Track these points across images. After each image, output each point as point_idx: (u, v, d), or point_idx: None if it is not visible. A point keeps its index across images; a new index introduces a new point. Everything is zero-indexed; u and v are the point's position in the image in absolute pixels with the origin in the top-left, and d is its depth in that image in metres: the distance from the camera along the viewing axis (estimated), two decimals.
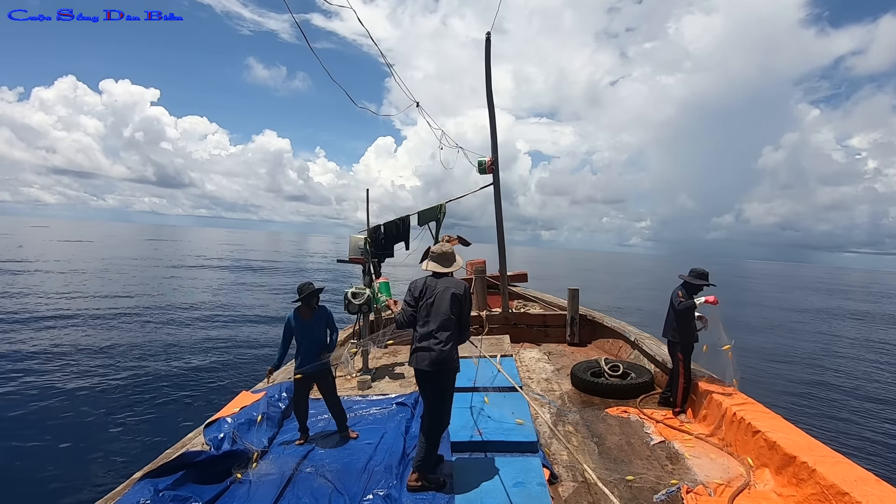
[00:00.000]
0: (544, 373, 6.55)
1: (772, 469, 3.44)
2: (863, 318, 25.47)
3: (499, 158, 8.94)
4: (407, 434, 4.35)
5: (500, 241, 9.27)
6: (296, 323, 4.28)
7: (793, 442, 3.41)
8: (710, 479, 3.51)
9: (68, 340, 13.47)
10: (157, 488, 3.15)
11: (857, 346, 16.23)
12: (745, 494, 3.28)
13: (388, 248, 7.82)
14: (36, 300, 18.59)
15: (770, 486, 3.36)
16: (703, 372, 5.02)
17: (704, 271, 4.93)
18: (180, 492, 3.24)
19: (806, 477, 3.08)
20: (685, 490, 3.33)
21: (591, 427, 4.60)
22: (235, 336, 15.30)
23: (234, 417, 4.35)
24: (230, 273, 35.51)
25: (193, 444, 3.99)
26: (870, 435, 7.58)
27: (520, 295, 12.25)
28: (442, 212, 8.42)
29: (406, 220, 8.06)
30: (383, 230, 7.79)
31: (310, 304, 4.31)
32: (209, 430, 4.18)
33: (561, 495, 3.37)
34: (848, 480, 2.84)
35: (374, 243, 7.22)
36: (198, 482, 3.44)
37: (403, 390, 5.74)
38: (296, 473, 3.69)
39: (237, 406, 4.66)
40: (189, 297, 22.28)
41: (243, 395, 5.00)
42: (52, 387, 10.15)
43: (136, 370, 11.70)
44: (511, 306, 9.83)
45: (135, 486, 3.16)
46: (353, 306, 6.22)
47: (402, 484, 3.41)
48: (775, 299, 36.59)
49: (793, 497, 3.14)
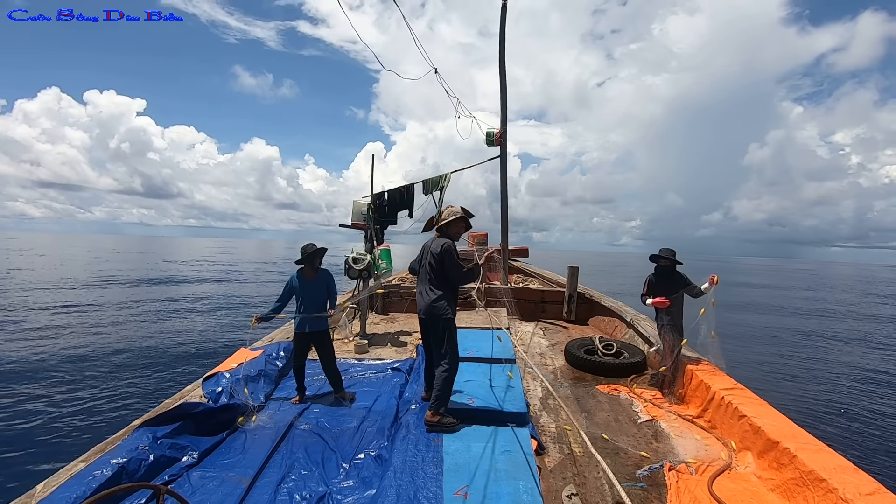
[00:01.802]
0: (539, 347, 6.63)
1: (754, 453, 3.53)
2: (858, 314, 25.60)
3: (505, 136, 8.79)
4: (400, 399, 4.44)
5: (504, 214, 9.22)
6: (298, 283, 4.31)
7: (777, 428, 3.48)
8: (693, 459, 3.60)
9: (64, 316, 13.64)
10: (156, 436, 3.25)
11: (851, 342, 16.39)
12: (726, 475, 3.37)
13: (392, 216, 7.78)
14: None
15: (751, 468, 3.44)
16: (694, 356, 5.08)
17: (669, 249, 5.05)
18: (178, 440, 3.34)
19: (787, 462, 3.15)
20: (668, 467, 3.42)
21: (581, 402, 4.70)
22: (234, 293, 15.48)
23: (231, 373, 4.43)
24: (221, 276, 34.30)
25: (192, 396, 4.09)
26: (856, 426, 7.74)
27: (520, 269, 12.28)
28: (447, 180, 8.35)
29: (411, 188, 8.00)
30: (387, 197, 7.73)
31: (312, 263, 4.33)
32: (207, 384, 4.27)
33: (547, 465, 3.47)
34: (827, 468, 2.90)
35: (377, 209, 7.18)
36: (195, 433, 3.54)
37: (399, 356, 5.83)
38: (291, 429, 3.79)
39: (235, 362, 4.74)
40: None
41: (242, 352, 5.09)
42: (56, 342, 10.37)
43: (136, 328, 11.90)
44: (510, 280, 9.87)
45: (134, 433, 3.26)
46: (353, 271, 6.25)
47: (392, 445, 3.51)
48: (771, 295, 36.63)
49: (772, 480, 3.22)
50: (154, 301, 16.67)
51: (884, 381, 10.96)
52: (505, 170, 9.00)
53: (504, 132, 8.89)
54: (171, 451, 3.21)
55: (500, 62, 9.01)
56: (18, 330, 11.87)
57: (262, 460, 3.28)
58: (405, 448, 3.41)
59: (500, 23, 8.93)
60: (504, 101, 9.03)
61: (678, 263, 5.05)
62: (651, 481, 3.29)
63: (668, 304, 4.88)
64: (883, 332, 18.49)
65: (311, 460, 3.35)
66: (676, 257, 5.02)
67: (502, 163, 9.00)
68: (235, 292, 19.77)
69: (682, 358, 5.01)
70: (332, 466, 3.30)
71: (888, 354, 14.10)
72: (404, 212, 7.93)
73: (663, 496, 3.11)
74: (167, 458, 3.14)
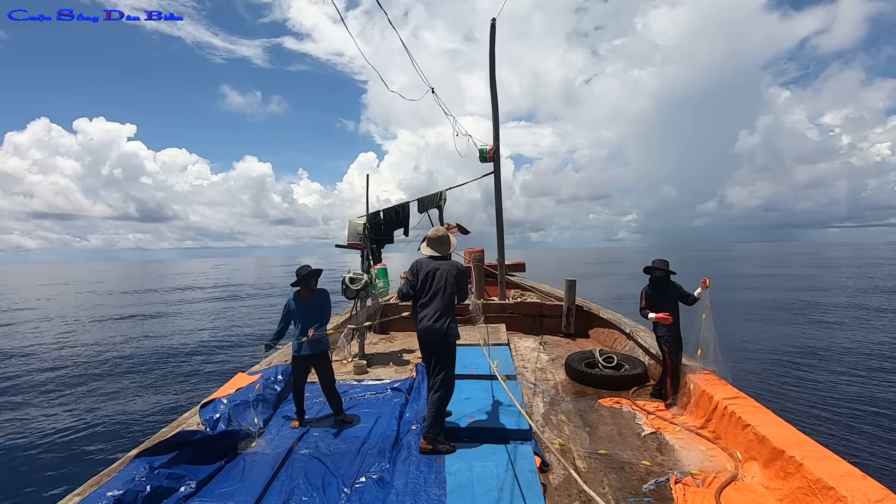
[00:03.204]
0: (539, 362, 6.59)
1: (760, 462, 3.49)
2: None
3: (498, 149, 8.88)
4: (401, 419, 4.39)
5: (500, 229, 9.26)
6: (295, 304, 4.31)
7: (781, 436, 3.45)
8: (698, 471, 3.56)
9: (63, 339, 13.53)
10: (153, 466, 3.19)
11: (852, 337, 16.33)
12: (733, 486, 3.33)
13: (388, 235, 7.81)
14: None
15: (758, 479, 3.40)
16: (696, 365, 5.06)
17: (662, 260, 5.08)
18: (175, 470, 3.27)
19: (793, 471, 3.12)
20: (674, 480, 3.37)
21: (584, 417, 4.65)
22: (232, 316, 15.36)
23: (229, 398, 4.38)
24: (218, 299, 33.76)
25: (189, 423, 4.02)
26: (859, 431, 7.67)
27: (517, 284, 12.28)
28: (442, 199, 8.40)
29: (406, 207, 8.04)
30: (382, 216, 7.77)
31: (308, 285, 4.33)
32: (205, 411, 4.21)
33: (552, 482, 3.41)
34: (834, 475, 2.87)
35: (372, 229, 7.21)
36: (193, 462, 3.47)
37: (399, 376, 5.78)
38: (290, 454, 3.73)
39: (233, 387, 4.69)
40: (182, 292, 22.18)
41: (239, 377, 5.03)
42: (49, 369, 10.23)
43: (132, 353, 11.77)
44: (508, 295, 9.86)
45: (130, 464, 3.19)
46: (350, 291, 6.23)
47: (394, 468, 3.45)
48: (771, 279, 36.55)
49: (780, 490, 3.18)
50: (148, 326, 16.52)
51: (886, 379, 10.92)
52: (499, 186, 9.07)
53: (497, 148, 8.98)
54: (169, 482, 3.15)
55: (490, 82, 9.16)
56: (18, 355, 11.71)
57: (262, 487, 3.21)
58: (407, 470, 3.36)
59: (490, 42, 9.10)
60: (496, 120, 9.16)
61: (672, 273, 5.08)
62: (657, 495, 3.24)
63: (670, 321, 4.85)
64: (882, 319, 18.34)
65: (312, 485, 3.29)
66: (669, 267, 5.06)
67: (496, 179, 9.08)
68: (232, 316, 19.65)
69: (683, 368, 4.99)
70: (332, 491, 3.24)
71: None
72: (399, 230, 7.97)
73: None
74: (164, 489, 3.08)
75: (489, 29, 9.12)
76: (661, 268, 5.02)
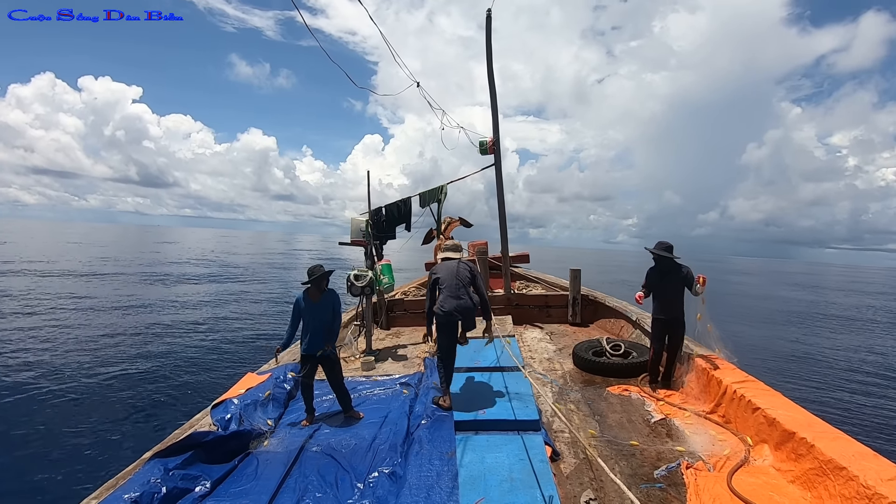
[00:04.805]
0: (546, 352, 6.60)
1: (771, 445, 3.49)
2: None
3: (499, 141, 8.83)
4: (411, 414, 4.40)
5: (502, 222, 9.24)
6: (304, 304, 4.32)
7: (792, 418, 3.45)
8: (709, 455, 3.57)
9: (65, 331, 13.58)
10: (167, 467, 3.22)
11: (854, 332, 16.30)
12: (744, 469, 3.33)
13: (390, 230, 7.80)
14: None
15: (769, 461, 3.41)
16: (704, 350, 5.06)
17: (668, 244, 5.04)
18: (190, 471, 3.30)
19: (804, 452, 3.12)
20: (685, 465, 3.38)
21: (593, 405, 4.66)
22: (240, 317, 15.41)
23: (240, 398, 4.40)
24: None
25: (201, 424, 4.05)
26: (870, 411, 7.66)
27: (522, 276, 12.27)
28: (443, 193, 8.38)
29: (407, 202, 8.03)
30: (384, 212, 7.76)
31: (319, 286, 4.34)
32: (216, 411, 4.24)
33: (563, 472, 3.43)
34: (846, 455, 2.87)
35: (375, 226, 7.20)
36: (206, 462, 3.51)
37: (407, 371, 5.80)
38: (302, 452, 3.76)
39: (243, 387, 4.72)
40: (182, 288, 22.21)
41: (249, 377, 5.06)
42: (60, 372, 10.30)
43: (141, 355, 11.83)
44: (513, 287, 9.86)
45: (145, 466, 3.23)
46: (355, 288, 6.24)
47: (406, 462, 3.47)
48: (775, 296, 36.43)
49: (791, 471, 3.18)
50: (152, 318, 16.47)
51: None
52: (500, 178, 9.04)
53: (497, 140, 8.94)
54: (184, 482, 3.18)
55: (488, 74, 9.08)
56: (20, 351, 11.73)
57: (276, 485, 3.24)
58: (419, 463, 3.38)
59: (486, 34, 9.02)
60: (495, 112, 9.10)
61: (675, 258, 5.04)
62: (669, 481, 3.25)
63: (641, 303, 5.22)
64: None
65: (325, 482, 3.31)
66: (673, 252, 5.02)
67: (497, 171, 9.04)
68: (239, 312, 19.61)
69: (689, 353, 4.99)
70: (346, 487, 3.27)
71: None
72: (401, 225, 7.96)
73: (682, 495, 3.07)
74: (179, 490, 3.11)
75: (485, 20, 9.03)
76: (659, 252, 5.01)
